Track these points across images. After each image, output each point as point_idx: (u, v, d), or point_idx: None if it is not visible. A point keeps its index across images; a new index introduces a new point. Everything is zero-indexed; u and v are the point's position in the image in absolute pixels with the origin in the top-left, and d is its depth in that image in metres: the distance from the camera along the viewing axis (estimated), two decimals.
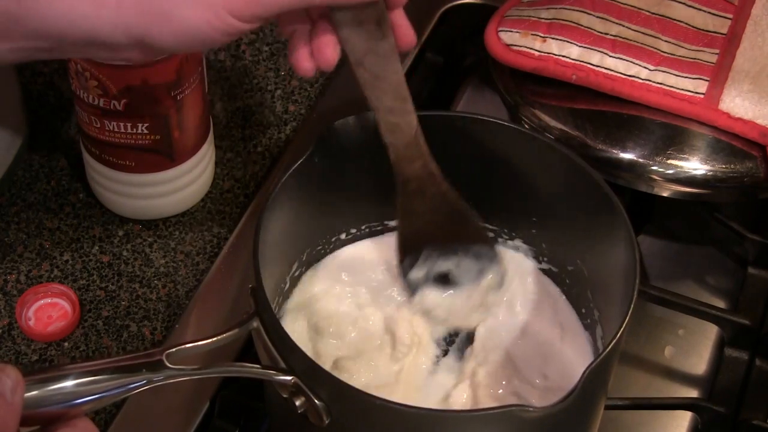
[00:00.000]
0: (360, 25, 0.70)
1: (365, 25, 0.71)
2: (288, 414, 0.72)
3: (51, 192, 0.96)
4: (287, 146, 0.99)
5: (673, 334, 0.93)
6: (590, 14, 0.95)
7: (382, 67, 0.72)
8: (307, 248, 0.83)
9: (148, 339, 0.88)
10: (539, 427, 0.69)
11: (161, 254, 0.92)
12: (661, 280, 0.95)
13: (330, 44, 0.71)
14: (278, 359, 0.71)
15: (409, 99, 0.74)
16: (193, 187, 0.94)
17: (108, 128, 0.87)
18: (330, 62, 0.72)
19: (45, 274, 0.91)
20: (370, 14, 0.70)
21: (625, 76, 0.92)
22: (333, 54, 0.71)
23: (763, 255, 0.94)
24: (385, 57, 0.72)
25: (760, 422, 0.85)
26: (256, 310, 0.72)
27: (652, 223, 0.99)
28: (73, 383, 0.66)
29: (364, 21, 0.70)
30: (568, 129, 0.92)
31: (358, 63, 0.72)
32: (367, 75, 0.72)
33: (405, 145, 0.76)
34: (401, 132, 0.75)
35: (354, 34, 0.71)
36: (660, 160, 0.90)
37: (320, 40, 0.71)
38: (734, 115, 0.90)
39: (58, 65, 1.03)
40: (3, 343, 0.87)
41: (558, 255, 0.84)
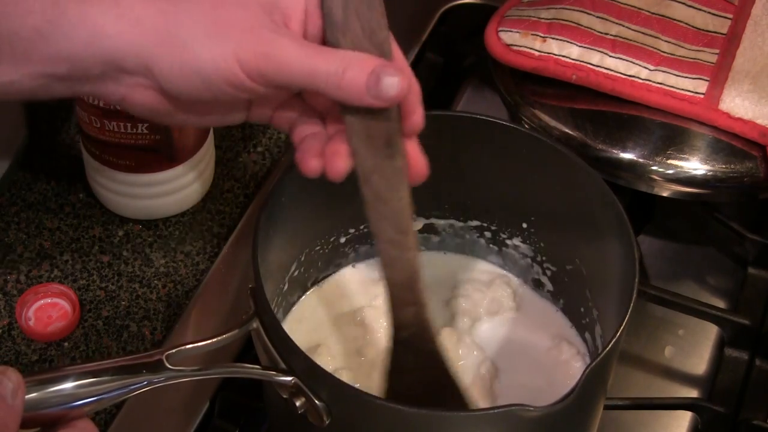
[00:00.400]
0: (370, 137, 0.67)
1: (375, 139, 0.67)
2: (288, 414, 0.72)
3: (51, 192, 0.96)
4: (287, 146, 0.99)
5: (673, 334, 0.93)
6: (590, 14, 0.95)
7: (387, 189, 0.69)
8: (305, 248, 0.83)
9: (148, 339, 0.88)
10: (539, 427, 0.69)
11: (161, 254, 0.92)
12: (661, 280, 0.95)
13: (341, 154, 0.68)
14: (278, 360, 0.71)
15: (412, 234, 0.70)
16: (193, 187, 0.94)
17: (108, 128, 0.87)
18: (339, 171, 0.68)
19: (45, 274, 0.91)
20: (380, 129, 0.67)
21: (625, 76, 0.92)
22: (343, 163, 0.68)
23: (763, 255, 0.95)
24: (392, 179, 0.69)
25: (760, 422, 0.85)
26: (255, 310, 0.72)
27: (652, 223, 0.99)
28: (73, 385, 0.65)
29: (375, 135, 0.67)
30: (568, 129, 0.92)
31: (365, 179, 0.68)
32: (371, 194, 0.69)
33: (401, 283, 0.71)
34: (399, 268, 0.71)
35: (362, 146, 0.68)
36: (660, 160, 0.90)
37: (333, 147, 0.68)
38: (734, 115, 0.90)
39: None
40: (3, 343, 0.87)
41: (556, 254, 0.84)
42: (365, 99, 0.66)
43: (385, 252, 0.70)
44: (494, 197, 0.84)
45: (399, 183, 0.69)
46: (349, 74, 0.65)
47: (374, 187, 0.69)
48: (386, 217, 0.69)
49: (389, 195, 0.69)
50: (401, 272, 0.71)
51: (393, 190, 0.69)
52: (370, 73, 0.65)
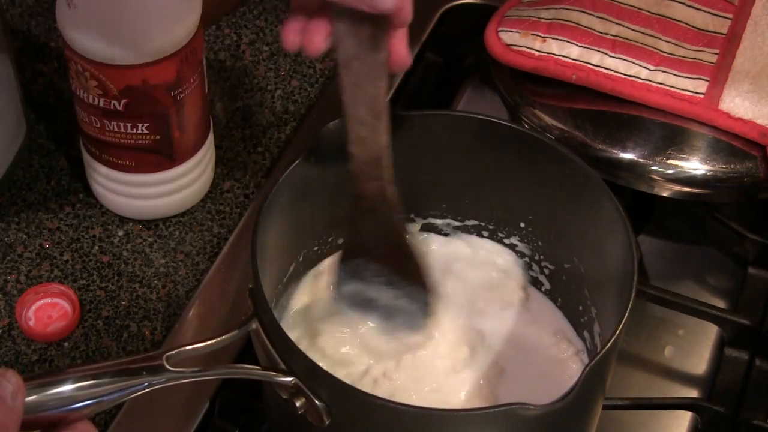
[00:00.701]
0: (356, 28, 0.69)
1: (361, 30, 0.69)
2: (288, 415, 0.72)
3: (51, 192, 0.96)
4: (287, 146, 0.99)
5: (673, 334, 0.93)
6: (590, 14, 0.95)
7: (365, 77, 0.71)
8: (304, 249, 0.83)
9: (148, 339, 0.88)
10: (539, 426, 0.69)
11: (161, 254, 0.92)
12: (661, 280, 0.95)
13: (322, 32, 0.70)
14: (278, 360, 0.71)
15: (385, 119, 0.72)
16: (193, 187, 0.94)
17: (108, 128, 0.87)
18: (316, 48, 0.70)
19: (45, 274, 0.91)
20: (367, 23, 0.69)
21: (625, 76, 0.92)
22: (321, 42, 0.70)
23: (763, 255, 0.94)
24: (372, 68, 0.71)
25: (760, 422, 0.85)
26: (254, 311, 0.72)
27: (652, 223, 0.99)
28: (73, 387, 0.65)
29: (360, 26, 0.69)
30: (568, 129, 0.92)
31: (345, 65, 0.70)
32: (348, 80, 0.71)
33: (368, 161, 0.74)
34: (367, 147, 0.73)
35: (348, 35, 0.70)
36: (660, 160, 0.90)
37: (315, 24, 0.70)
38: (734, 115, 0.90)
39: (58, 65, 1.03)
40: (3, 343, 0.87)
41: (554, 253, 0.84)
42: (358, 4, 0.67)
43: (354, 132, 0.73)
44: (493, 197, 0.84)
45: (379, 73, 0.71)
46: None
47: (353, 74, 0.70)
48: (363, 101, 0.71)
49: (367, 83, 0.71)
50: (369, 150, 0.73)
51: (372, 79, 0.71)
52: None
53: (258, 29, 1.07)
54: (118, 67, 0.83)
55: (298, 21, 0.71)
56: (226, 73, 1.04)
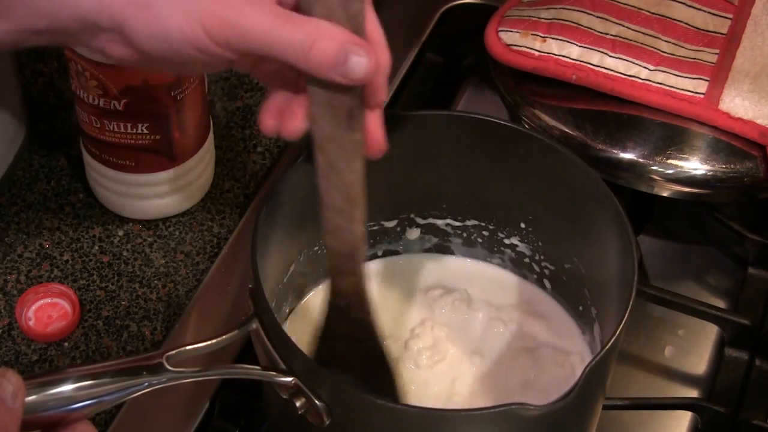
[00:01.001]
0: (331, 108, 0.67)
1: (336, 110, 0.67)
2: (288, 415, 0.72)
3: (51, 192, 0.96)
4: (287, 146, 0.99)
5: (673, 334, 0.93)
6: (590, 14, 0.95)
7: (341, 160, 0.68)
8: (304, 249, 0.83)
9: (148, 339, 0.88)
10: (539, 426, 0.69)
11: (161, 254, 0.92)
12: (661, 280, 0.95)
13: (298, 115, 0.68)
14: (278, 360, 0.71)
15: (361, 207, 0.70)
16: (193, 187, 0.94)
17: (108, 128, 0.87)
18: (293, 131, 0.68)
19: (45, 274, 0.91)
20: (343, 101, 0.67)
21: (625, 76, 0.92)
22: (298, 124, 0.68)
23: (763, 255, 0.95)
24: (348, 151, 0.68)
25: (760, 422, 0.85)
26: (255, 311, 0.72)
27: (652, 223, 0.99)
28: (73, 387, 0.65)
29: (336, 106, 0.67)
30: (568, 129, 0.92)
31: (320, 147, 0.68)
32: (324, 163, 0.68)
33: (343, 253, 0.71)
34: (342, 238, 0.71)
35: (323, 115, 0.67)
36: (660, 160, 0.90)
37: (292, 107, 0.68)
38: (734, 115, 0.90)
39: (58, 65, 1.03)
40: (3, 343, 0.87)
41: (554, 253, 0.84)
42: (331, 75, 0.65)
43: (330, 221, 0.70)
44: (493, 197, 0.84)
45: (355, 155, 0.69)
46: (316, 48, 0.64)
47: (329, 157, 0.68)
48: (337, 186, 0.69)
49: (343, 166, 0.69)
50: (345, 242, 0.71)
51: (348, 162, 0.68)
52: (338, 50, 0.64)
53: None
54: (118, 67, 0.83)
55: (275, 103, 0.69)
56: (226, 73, 1.04)
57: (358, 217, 0.70)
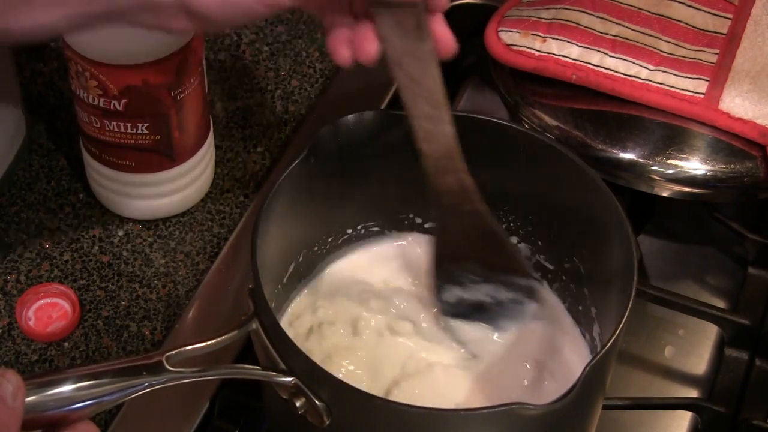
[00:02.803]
0: (399, 24, 0.69)
1: (404, 25, 0.69)
2: (288, 415, 0.72)
3: (51, 192, 0.96)
4: (287, 146, 0.99)
5: (673, 334, 0.93)
6: (590, 14, 0.95)
7: (419, 70, 0.71)
8: (304, 249, 0.83)
9: (148, 339, 0.88)
10: (539, 425, 0.69)
11: (161, 254, 0.92)
12: (661, 280, 0.95)
13: (370, 38, 0.70)
14: (278, 360, 0.71)
15: (446, 107, 0.73)
16: (193, 187, 0.94)
17: (108, 128, 0.87)
18: (369, 55, 0.70)
19: (45, 274, 0.91)
20: (408, 15, 0.69)
21: (625, 76, 0.92)
22: (372, 47, 0.70)
23: (763, 255, 0.95)
24: (423, 60, 0.71)
25: (760, 422, 0.85)
26: (254, 311, 0.72)
27: (652, 223, 0.99)
28: (73, 387, 0.65)
29: (403, 21, 0.69)
30: (568, 129, 0.92)
31: (396, 63, 0.71)
32: (404, 77, 0.71)
33: (439, 155, 0.74)
34: (436, 141, 0.73)
35: (392, 32, 0.70)
36: (660, 160, 0.90)
37: (361, 32, 0.70)
38: (734, 115, 0.90)
39: (58, 65, 1.03)
40: (3, 343, 0.87)
41: (554, 252, 0.84)
42: None
43: (421, 128, 0.73)
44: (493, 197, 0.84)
45: (430, 63, 0.71)
46: None
47: (406, 70, 0.71)
48: (420, 95, 0.72)
49: (422, 75, 0.71)
50: (439, 144, 0.74)
51: (425, 70, 0.71)
52: None
53: (258, 29, 1.07)
54: (118, 67, 0.83)
55: (341, 33, 0.71)
56: (226, 73, 1.04)
57: (446, 117, 0.73)
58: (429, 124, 0.73)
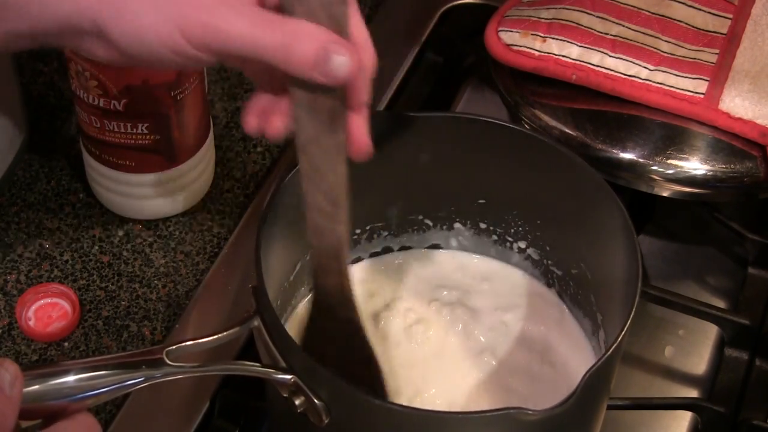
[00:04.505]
0: (312, 109, 0.66)
1: (317, 111, 0.66)
2: (288, 413, 0.72)
3: (51, 192, 0.96)
4: (287, 146, 0.99)
5: (673, 334, 0.93)
6: (590, 14, 0.95)
7: (324, 162, 0.68)
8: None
9: (148, 339, 0.88)
10: (539, 430, 0.69)
11: (161, 254, 0.92)
12: (661, 280, 0.95)
13: (281, 115, 0.68)
14: (278, 358, 0.71)
15: (344, 208, 0.69)
16: (193, 187, 0.94)
17: (108, 128, 0.87)
18: (275, 131, 0.68)
19: (45, 274, 0.91)
20: (324, 102, 0.66)
21: (625, 76, 0.92)
22: (280, 124, 0.68)
23: (763, 255, 0.94)
24: (330, 153, 0.68)
25: (760, 422, 0.85)
26: (257, 308, 0.72)
27: (652, 223, 0.99)
28: (73, 378, 0.66)
29: (318, 107, 0.66)
30: (568, 129, 0.92)
31: (302, 148, 0.68)
32: (307, 165, 0.68)
33: (327, 253, 0.71)
34: (326, 238, 0.70)
35: (304, 115, 0.67)
36: (660, 160, 0.90)
37: (275, 106, 0.68)
38: (734, 115, 0.90)
39: (58, 65, 1.03)
40: (3, 343, 0.87)
41: (561, 257, 0.84)
42: (312, 75, 0.64)
43: (313, 221, 0.70)
44: (495, 199, 0.84)
45: (337, 157, 0.68)
46: (297, 48, 0.63)
47: (311, 158, 0.68)
48: (320, 188, 0.69)
49: (326, 167, 0.68)
50: (328, 242, 0.71)
51: (330, 163, 0.68)
52: (319, 49, 0.63)
53: None
54: (118, 67, 0.83)
55: (259, 102, 0.69)
56: (226, 73, 1.04)
57: (342, 218, 0.70)
58: (322, 220, 0.70)
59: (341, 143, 0.68)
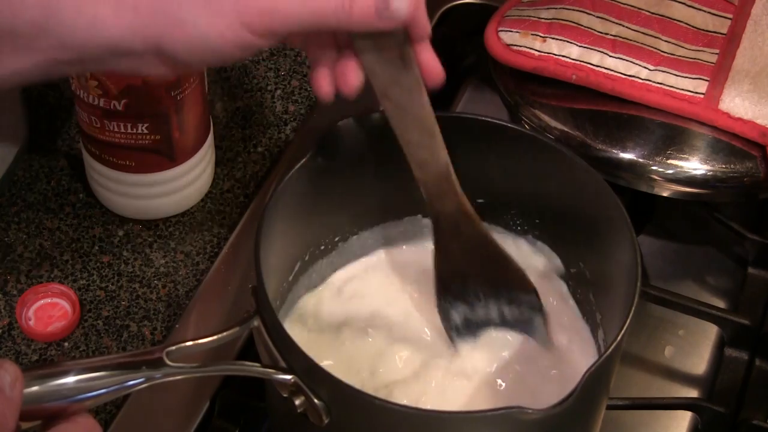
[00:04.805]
0: (382, 54, 0.69)
1: (387, 54, 0.69)
2: (288, 413, 0.72)
3: (51, 192, 0.96)
4: (287, 146, 0.99)
5: (673, 334, 0.93)
6: (590, 14, 0.95)
7: (407, 100, 0.71)
8: (309, 248, 0.83)
9: (148, 339, 0.88)
10: (539, 429, 0.69)
11: (161, 254, 0.92)
12: (661, 280, 0.95)
13: (352, 70, 0.69)
14: (278, 358, 0.71)
15: (438, 134, 0.73)
16: (193, 187, 0.94)
17: (108, 128, 0.87)
18: (352, 87, 0.70)
19: (45, 274, 0.91)
20: (391, 44, 0.69)
21: (625, 76, 0.92)
22: (355, 79, 0.69)
23: (763, 255, 0.94)
24: (410, 89, 0.70)
25: (760, 422, 0.85)
26: (257, 309, 0.72)
27: (652, 223, 0.99)
28: (73, 379, 0.66)
29: (386, 50, 0.69)
30: (568, 129, 0.92)
31: (383, 94, 0.71)
32: (392, 107, 0.71)
33: (434, 181, 0.74)
34: (430, 168, 0.74)
35: (376, 63, 0.69)
36: (660, 160, 0.90)
37: (343, 64, 0.70)
38: (734, 115, 0.90)
39: None
40: (3, 343, 0.87)
41: (561, 256, 0.84)
42: (378, 24, 0.66)
43: (415, 155, 0.73)
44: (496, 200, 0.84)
45: (418, 91, 0.71)
46: (356, 6, 0.65)
47: (394, 100, 0.71)
48: (411, 124, 0.72)
49: (410, 104, 0.71)
50: (434, 170, 0.74)
51: (414, 99, 0.71)
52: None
53: None
54: None
55: (323, 67, 0.70)
56: (226, 73, 1.04)
57: (439, 144, 0.73)
58: (422, 152, 0.73)
59: (418, 77, 0.70)
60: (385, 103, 0.71)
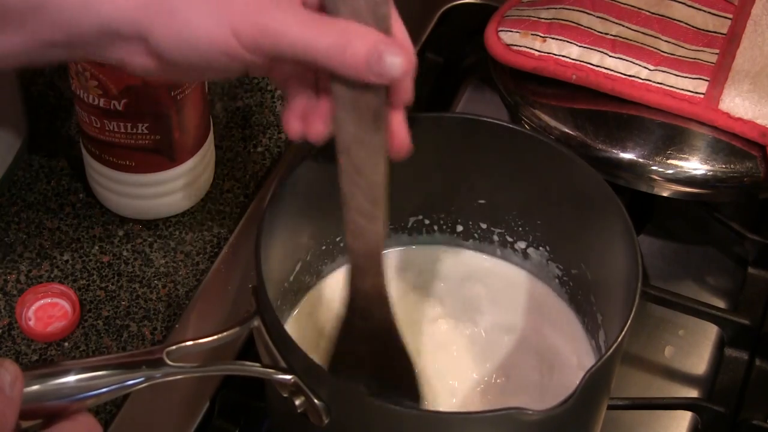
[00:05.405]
0: (356, 109, 0.66)
1: (361, 111, 0.66)
2: (288, 413, 0.72)
3: (51, 192, 0.96)
4: (287, 146, 0.99)
5: (673, 334, 0.93)
6: (590, 14, 0.95)
7: (366, 162, 0.68)
8: (311, 248, 0.83)
9: (148, 339, 0.88)
10: (539, 430, 0.69)
11: (161, 254, 0.93)
12: (661, 280, 0.95)
13: (321, 118, 0.68)
14: (278, 358, 0.71)
15: (383, 207, 0.69)
16: (193, 187, 0.94)
17: (108, 128, 0.87)
18: (318, 135, 0.68)
19: (45, 274, 0.91)
20: (368, 102, 0.66)
21: (625, 76, 0.92)
22: (323, 127, 0.68)
23: (763, 255, 0.94)
24: (373, 153, 0.67)
25: (760, 422, 0.85)
26: (257, 309, 0.72)
27: (652, 223, 0.99)
28: (73, 379, 0.66)
29: (362, 107, 0.66)
30: (568, 129, 0.92)
31: (344, 149, 0.67)
32: (349, 165, 0.68)
33: (365, 254, 0.71)
34: (365, 239, 0.70)
35: (348, 115, 0.66)
36: (660, 160, 0.90)
37: (316, 108, 0.68)
38: (734, 115, 0.90)
39: (58, 65, 1.03)
40: (3, 343, 0.87)
41: (562, 257, 0.84)
42: (365, 75, 0.64)
43: (353, 221, 0.70)
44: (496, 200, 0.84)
45: (379, 156, 0.68)
46: (349, 49, 0.63)
47: (354, 159, 0.68)
48: (362, 188, 0.68)
49: (368, 167, 0.68)
50: (367, 243, 0.71)
51: (373, 163, 0.68)
52: (371, 49, 0.63)
53: None
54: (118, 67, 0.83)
55: (298, 106, 0.69)
56: None
57: (381, 216, 0.70)
58: (362, 220, 0.69)
59: (383, 142, 0.68)
60: (342, 159, 0.68)
